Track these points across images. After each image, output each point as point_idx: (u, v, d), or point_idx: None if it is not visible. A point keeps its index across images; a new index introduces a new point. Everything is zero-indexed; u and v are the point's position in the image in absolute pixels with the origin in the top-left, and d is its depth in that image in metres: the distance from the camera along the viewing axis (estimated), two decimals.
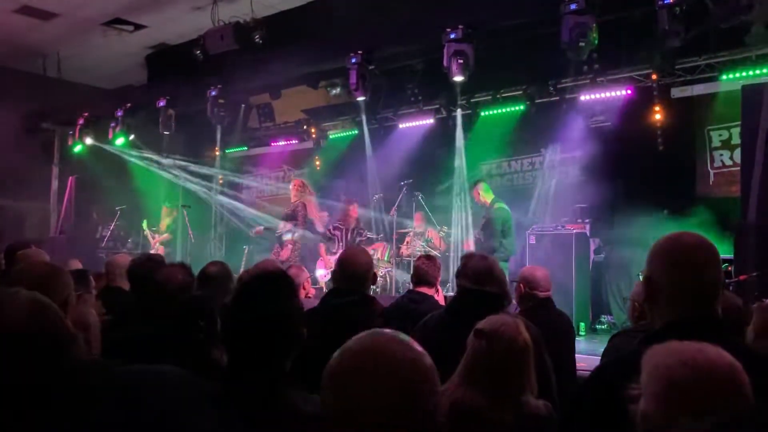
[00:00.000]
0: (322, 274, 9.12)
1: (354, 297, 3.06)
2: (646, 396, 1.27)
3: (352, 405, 1.24)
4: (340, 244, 8.97)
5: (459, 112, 9.56)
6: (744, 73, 7.60)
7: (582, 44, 5.84)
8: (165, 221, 10.88)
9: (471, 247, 8.84)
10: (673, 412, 1.21)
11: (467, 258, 3.13)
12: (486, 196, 8.07)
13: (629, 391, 1.30)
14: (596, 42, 5.95)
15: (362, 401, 1.23)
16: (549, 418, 2.27)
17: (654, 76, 8.27)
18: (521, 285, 3.87)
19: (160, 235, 10.80)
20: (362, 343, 1.31)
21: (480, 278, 2.98)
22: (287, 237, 9.17)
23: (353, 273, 3.10)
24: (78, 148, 11.09)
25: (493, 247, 7.69)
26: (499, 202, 8.02)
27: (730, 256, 5.56)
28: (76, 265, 5.01)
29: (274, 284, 1.90)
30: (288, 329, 1.78)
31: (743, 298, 3.64)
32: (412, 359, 1.28)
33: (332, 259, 8.71)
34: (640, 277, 1.77)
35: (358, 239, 9.00)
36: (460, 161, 9.58)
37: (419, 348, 1.32)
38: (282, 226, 9.68)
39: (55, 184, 11.82)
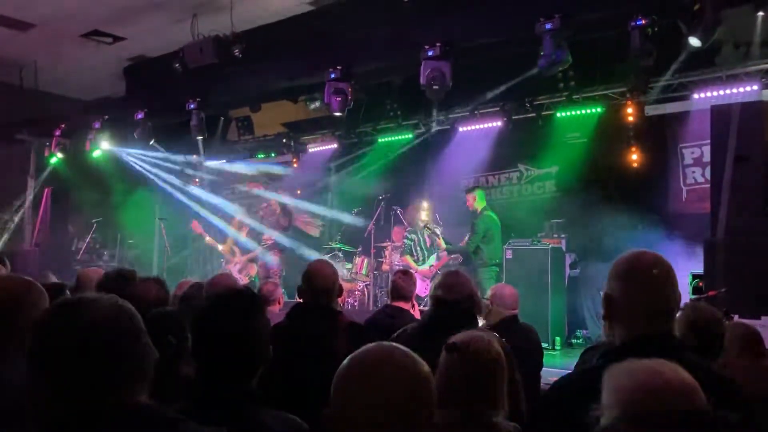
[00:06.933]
0: None
1: (319, 311, 3.07)
2: (606, 418, 1.29)
3: (358, 409, 1.33)
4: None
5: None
6: (715, 93, 7.77)
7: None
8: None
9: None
10: None
11: (441, 274, 3.30)
12: (479, 203, 8.24)
13: (592, 412, 1.32)
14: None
15: (367, 406, 1.33)
16: None
17: (628, 95, 8.42)
18: (489, 301, 4.00)
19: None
20: (368, 351, 1.41)
21: (452, 291, 3.10)
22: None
23: (318, 286, 3.12)
24: (54, 160, 10.99)
25: (470, 250, 7.94)
26: (489, 210, 8.21)
27: (701, 271, 5.68)
28: (51, 278, 4.94)
29: (241, 302, 1.91)
30: (255, 347, 1.80)
31: None
32: (414, 366, 1.40)
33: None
34: (601, 294, 1.82)
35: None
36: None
37: (418, 358, 1.42)
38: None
39: (30, 195, 11.67)
